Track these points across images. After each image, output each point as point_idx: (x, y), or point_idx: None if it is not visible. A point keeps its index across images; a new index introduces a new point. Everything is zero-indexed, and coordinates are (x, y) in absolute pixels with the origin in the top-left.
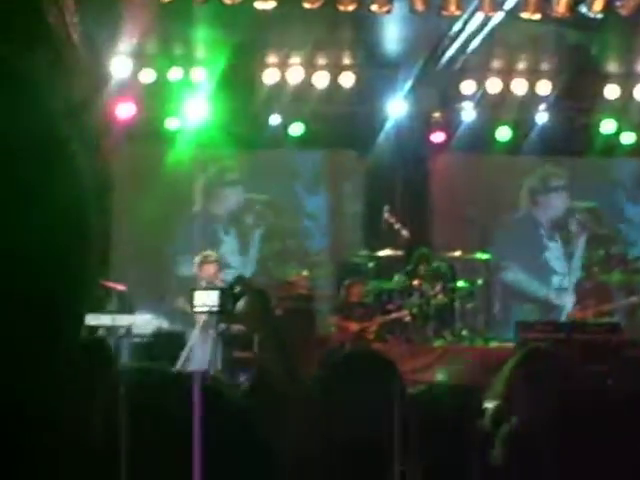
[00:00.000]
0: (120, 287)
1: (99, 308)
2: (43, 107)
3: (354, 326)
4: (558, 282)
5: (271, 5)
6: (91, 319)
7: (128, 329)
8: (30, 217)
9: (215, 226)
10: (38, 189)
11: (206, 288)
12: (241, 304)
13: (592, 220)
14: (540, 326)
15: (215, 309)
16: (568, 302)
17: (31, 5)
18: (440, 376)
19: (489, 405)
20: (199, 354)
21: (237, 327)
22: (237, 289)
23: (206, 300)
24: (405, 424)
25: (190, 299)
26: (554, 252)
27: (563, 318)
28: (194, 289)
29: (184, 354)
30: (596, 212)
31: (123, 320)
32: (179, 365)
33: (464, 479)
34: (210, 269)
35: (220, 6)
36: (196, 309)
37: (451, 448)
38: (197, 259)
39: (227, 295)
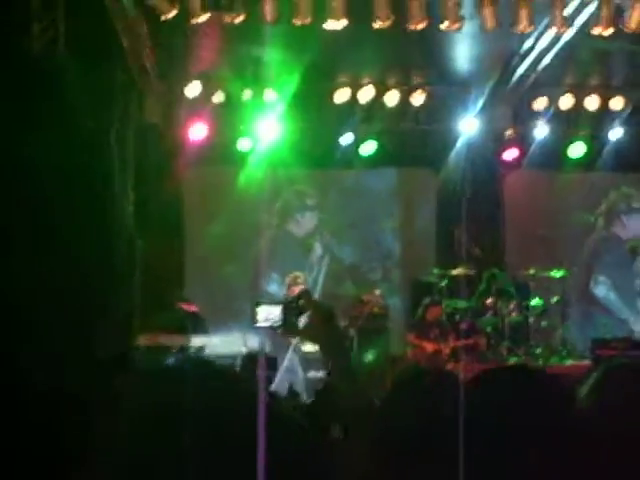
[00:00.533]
0: (193, 308)
1: (172, 328)
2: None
3: (430, 346)
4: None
5: (341, 25)
6: (164, 339)
7: (199, 349)
8: (86, 241)
9: (295, 247)
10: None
11: (269, 302)
12: (304, 319)
13: None
14: (616, 343)
15: (278, 323)
16: None
17: (106, 28)
18: None
19: None
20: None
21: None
22: (300, 303)
23: (269, 314)
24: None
25: (253, 313)
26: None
27: None
28: (258, 303)
29: (278, 375)
30: None
31: (196, 341)
32: (273, 387)
33: None
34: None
35: (290, 27)
36: (259, 324)
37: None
38: (287, 280)
39: (290, 309)
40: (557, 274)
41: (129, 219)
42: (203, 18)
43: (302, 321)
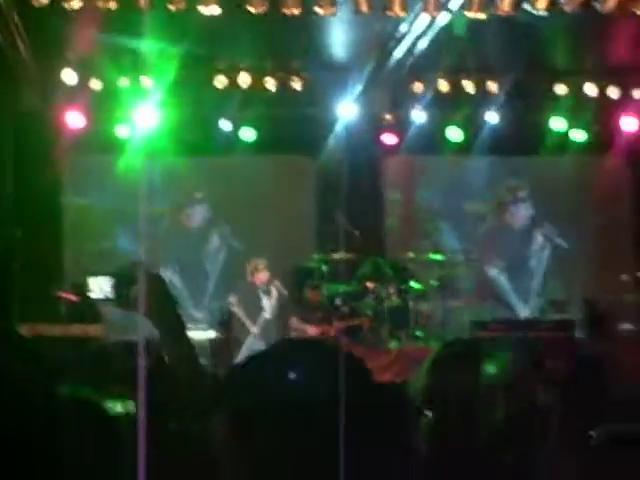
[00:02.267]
0: (73, 298)
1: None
2: None
3: (313, 330)
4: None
5: (216, 11)
6: (44, 330)
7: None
8: None
9: (188, 239)
10: None
11: (101, 274)
12: (134, 291)
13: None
14: (494, 325)
15: (111, 296)
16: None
17: None
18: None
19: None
20: None
21: None
22: (131, 274)
23: (101, 287)
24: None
25: (85, 285)
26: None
27: None
28: (89, 275)
29: None
30: None
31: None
32: None
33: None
34: (264, 276)
35: (167, 14)
36: (92, 295)
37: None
38: (249, 267)
39: (122, 281)
40: (436, 257)
41: (7, 208)
42: (77, 4)
43: (134, 292)
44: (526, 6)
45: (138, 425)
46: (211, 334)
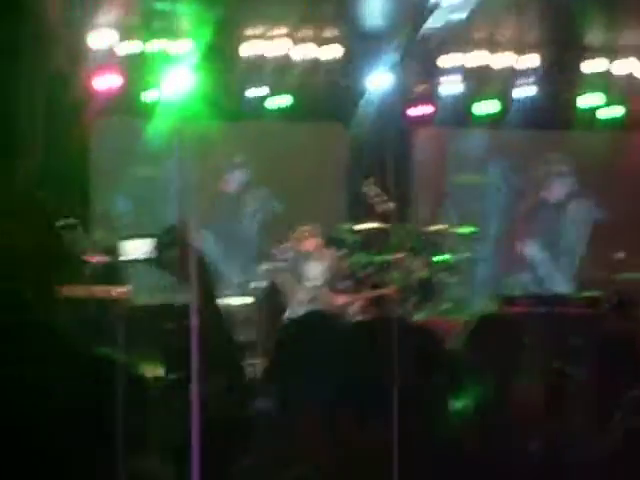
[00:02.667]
0: (102, 259)
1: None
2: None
3: (341, 299)
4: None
5: None
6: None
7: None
8: None
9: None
10: None
11: (138, 236)
12: (171, 253)
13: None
14: (523, 300)
15: (145, 256)
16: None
17: None
18: None
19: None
20: None
21: None
22: (168, 238)
23: (137, 247)
24: None
25: (123, 247)
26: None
27: None
28: (127, 236)
29: None
30: None
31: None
32: None
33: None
34: (312, 243)
35: None
36: (126, 257)
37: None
38: (295, 235)
39: (159, 243)
40: (466, 230)
41: (35, 170)
42: None
43: (168, 255)
44: None
45: (190, 386)
46: (249, 301)
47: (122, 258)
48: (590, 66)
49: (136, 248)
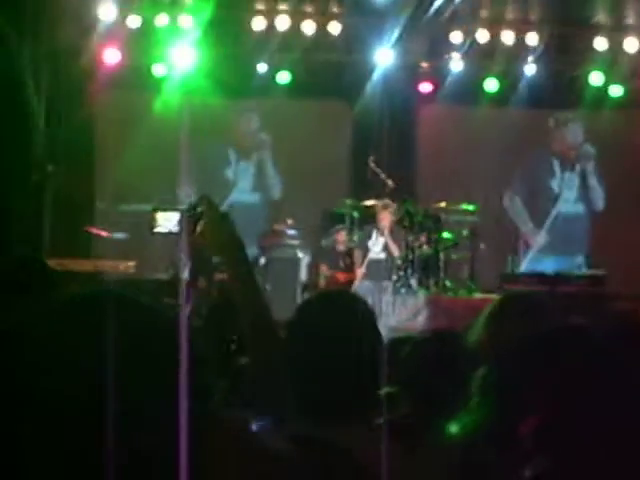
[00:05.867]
0: (104, 233)
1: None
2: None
3: (342, 276)
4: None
5: None
6: (73, 265)
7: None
8: None
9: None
10: None
11: (167, 209)
12: (201, 225)
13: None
14: (524, 278)
15: (175, 229)
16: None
17: None
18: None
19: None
20: None
21: None
22: (199, 209)
23: (166, 220)
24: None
25: (151, 219)
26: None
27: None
28: (156, 209)
29: None
30: None
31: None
32: None
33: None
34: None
35: None
36: (157, 229)
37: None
38: (378, 205)
39: (188, 216)
40: (469, 207)
41: (41, 142)
42: None
43: (199, 227)
44: None
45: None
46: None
47: (153, 230)
48: (595, 44)
49: (166, 220)
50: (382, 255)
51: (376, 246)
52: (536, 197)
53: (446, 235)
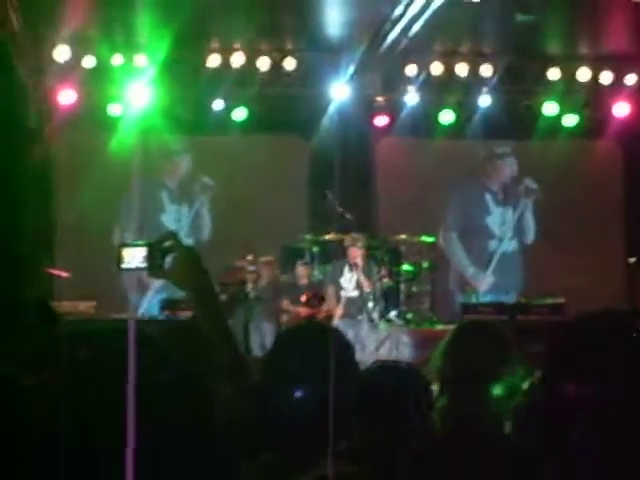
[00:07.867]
0: (64, 274)
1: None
2: None
3: (304, 311)
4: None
5: None
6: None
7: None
8: None
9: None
10: None
11: (133, 245)
12: (169, 260)
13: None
14: (483, 307)
15: (143, 265)
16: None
17: None
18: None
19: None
20: None
21: None
22: (166, 244)
23: (134, 257)
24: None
25: (118, 256)
26: (497, 217)
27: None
28: (123, 245)
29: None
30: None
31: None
32: None
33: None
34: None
35: None
36: (123, 265)
37: (393, 422)
38: (346, 242)
39: (156, 251)
40: (428, 239)
41: None
42: None
43: (167, 262)
44: None
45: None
46: None
47: (120, 267)
48: (549, 75)
49: (133, 257)
50: (355, 293)
51: (349, 283)
52: (471, 234)
53: (406, 267)
